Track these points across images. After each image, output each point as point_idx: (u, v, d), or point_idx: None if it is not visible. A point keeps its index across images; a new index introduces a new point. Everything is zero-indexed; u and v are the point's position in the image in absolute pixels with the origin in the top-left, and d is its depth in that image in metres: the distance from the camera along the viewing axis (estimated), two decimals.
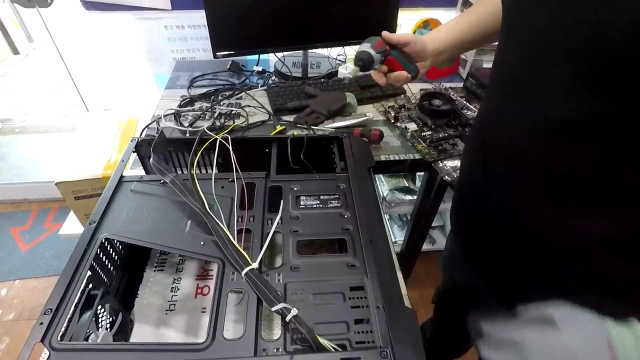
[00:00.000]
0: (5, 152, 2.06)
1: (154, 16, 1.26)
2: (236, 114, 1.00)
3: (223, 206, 0.56)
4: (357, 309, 0.44)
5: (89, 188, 0.94)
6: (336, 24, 1.13)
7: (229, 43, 1.07)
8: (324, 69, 1.27)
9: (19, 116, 2.33)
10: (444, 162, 0.89)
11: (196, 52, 1.38)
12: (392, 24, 1.16)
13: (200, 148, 0.64)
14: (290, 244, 0.51)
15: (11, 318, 1.42)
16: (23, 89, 2.66)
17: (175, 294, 0.59)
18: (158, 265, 0.63)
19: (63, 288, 0.44)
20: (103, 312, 0.49)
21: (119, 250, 0.58)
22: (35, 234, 1.71)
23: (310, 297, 0.45)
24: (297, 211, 0.56)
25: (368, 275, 0.47)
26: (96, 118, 1.15)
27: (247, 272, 0.46)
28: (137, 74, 1.51)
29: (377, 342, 0.41)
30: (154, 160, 0.59)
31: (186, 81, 1.18)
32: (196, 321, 0.56)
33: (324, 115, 0.98)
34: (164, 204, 0.56)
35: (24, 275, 1.55)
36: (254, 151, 0.68)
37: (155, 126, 0.91)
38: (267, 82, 1.17)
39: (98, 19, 1.24)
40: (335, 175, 0.63)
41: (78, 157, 0.99)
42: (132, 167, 0.76)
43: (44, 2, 1.31)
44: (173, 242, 0.51)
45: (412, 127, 0.98)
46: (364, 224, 0.54)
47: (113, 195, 0.57)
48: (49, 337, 0.40)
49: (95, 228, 0.51)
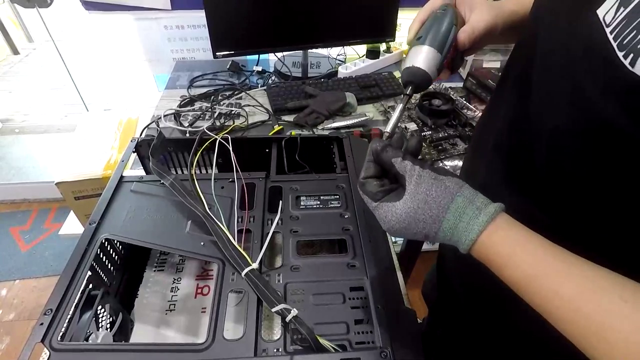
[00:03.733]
0: (5, 152, 2.06)
1: (153, 16, 1.26)
2: (236, 114, 1.00)
3: (223, 206, 0.56)
4: (357, 309, 0.44)
5: (89, 188, 0.94)
6: (336, 24, 1.13)
7: (229, 43, 1.07)
8: (324, 69, 1.27)
9: (19, 116, 2.33)
10: (444, 162, 0.89)
11: (196, 52, 1.38)
12: (392, 24, 1.16)
13: (200, 148, 0.64)
14: (291, 244, 0.51)
15: (11, 318, 1.42)
16: (23, 89, 2.66)
17: (175, 294, 0.59)
18: (158, 266, 0.63)
19: (63, 288, 0.44)
20: (103, 312, 0.49)
21: (119, 250, 0.58)
22: (35, 234, 1.71)
23: (310, 298, 0.45)
24: (297, 211, 0.56)
25: (368, 276, 0.47)
26: (96, 118, 1.14)
27: (247, 273, 0.46)
28: (137, 74, 1.51)
29: (377, 342, 0.41)
30: (153, 163, 0.59)
31: (186, 81, 1.18)
32: (196, 321, 0.56)
33: (324, 115, 0.98)
34: (164, 204, 0.56)
35: (24, 275, 1.55)
36: (254, 151, 0.68)
37: (155, 126, 0.91)
38: (267, 82, 1.17)
39: (98, 19, 1.24)
40: (336, 175, 0.63)
41: (78, 157, 0.99)
42: (132, 167, 0.76)
43: (44, 2, 1.31)
44: (173, 242, 0.51)
45: (412, 127, 0.98)
46: (364, 224, 0.54)
47: (113, 196, 0.57)
48: (49, 338, 0.40)
49: (95, 228, 0.51)
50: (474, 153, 0.54)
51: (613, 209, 0.32)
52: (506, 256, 0.31)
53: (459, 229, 0.33)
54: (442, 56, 0.40)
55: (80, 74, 1.70)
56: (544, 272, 0.29)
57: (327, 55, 1.31)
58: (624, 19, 0.26)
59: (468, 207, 0.33)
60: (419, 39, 0.41)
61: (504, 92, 0.45)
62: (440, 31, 0.41)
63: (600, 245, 0.32)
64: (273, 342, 0.41)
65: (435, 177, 0.34)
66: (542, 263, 0.30)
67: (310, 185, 0.60)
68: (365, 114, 0.99)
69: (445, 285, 0.64)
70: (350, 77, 1.14)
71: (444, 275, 0.64)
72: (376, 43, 1.26)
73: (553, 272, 0.29)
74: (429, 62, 0.40)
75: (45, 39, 2.35)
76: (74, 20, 2.37)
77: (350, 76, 1.16)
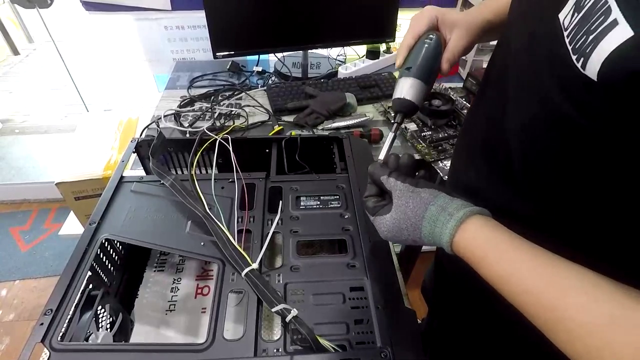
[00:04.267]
0: (5, 152, 2.06)
1: (153, 17, 1.26)
2: (236, 114, 1.00)
3: (223, 207, 0.56)
4: (357, 310, 0.44)
5: (89, 188, 0.94)
6: (336, 24, 1.13)
7: (229, 43, 1.07)
8: (324, 69, 1.27)
9: (19, 116, 2.33)
10: (444, 162, 0.89)
11: (196, 52, 1.38)
12: (392, 24, 1.16)
13: (200, 148, 0.64)
14: (291, 245, 0.51)
15: (11, 318, 1.42)
16: (23, 89, 2.67)
17: (175, 294, 0.59)
18: (158, 266, 0.63)
19: (63, 288, 0.44)
20: (103, 312, 0.49)
21: (119, 250, 0.58)
22: (35, 234, 1.71)
23: (310, 298, 0.45)
24: (297, 211, 0.56)
25: (368, 276, 0.47)
26: (96, 118, 1.14)
27: (247, 273, 0.46)
28: (137, 74, 1.52)
29: (377, 342, 0.41)
30: (153, 163, 0.59)
31: (186, 81, 1.18)
32: (196, 321, 0.56)
33: (323, 115, 0.98)
34: (164, 204, 0.57)
35: (24, 276, 1.55)
36: (253, 151, 0.68)
37: (155, 126, 0.91)
38: (267, 83, 1.17)
39: (98, 20, 1.25)
40: (336, 175, 0.63)
41: (78, 158, 0.99)
42: (132, 168, 0.76)
43: (44, 3, 1.31)
44: (173, 242, 0.51)
45: (412, 127, 0.98)
46: (363, 224, 0.54)
47: (113, 196, 0.57)
48: (49, 338, 0.40)
49: (95, 228, 0.51)
50: (460, 152, 0.56)
51: (585, 202, 0.34)
52: (479, 257, 0.34)
53: (435, 234, 0.36)
54: (428, 86, 0.45)
55: (81, 74, 1.70)
56: (514, 271, 0.31)
57: (327, 56, 1.31)
58: (577, 24, 0.28)
59: (441, 214, 0.36)
60: (408, 69, 0.45)
61: (486, 91, 0.47)
62: (427, 63, 0.44)
63: (582, 240, 0.34)
64: (273, 342, 0.41)
65: (413, 190, 0.39)
66: (513, 263, 0.32)
67: (310, 186, 0.60)
68: (365, 114, 1.00)
69: (443, 283, 0.64)
70: (350, 78, 1.14)
71: (442, 273, 0.65)
72: (376, 43, 1.26)
73: (523, 271, 0.31)
74: (417, 94, 0.44)
75: (46, 40, 2.36)
76: (74, 20, 2.37)
77: (350, 76, 1.16)
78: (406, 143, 0.95)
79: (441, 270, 0.65)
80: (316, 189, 0.60)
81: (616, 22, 0.25)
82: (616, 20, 0.25)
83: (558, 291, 0.28)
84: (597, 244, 0.34)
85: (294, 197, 0.58)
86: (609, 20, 0.25)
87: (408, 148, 0.94)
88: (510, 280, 0.31)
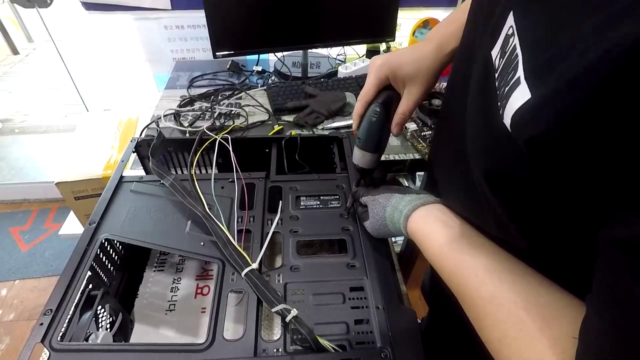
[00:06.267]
0: (5, 152, 2.06)
1: (153, 16, 1.26)
2: (236, 114, 1.00)
3: (223, 206, 0.56)
4: (357, 310, 0.44)
5: (89, 188, 0.94)
6: (336, 24, 1.13)
7: (229, 43, 1.07)
8: (323, 69, 1.27)
9: (19, 116, 2.33)
10: None
11: (196, 52, 1.38)
12: (392, 24, 1.16)
13: (200, 148, 0.64)
14: (290, 244, 0.51)
15: (11, 318, 1.42)
16: (23, 89, 2.67)
17: (175, 294, 0.59)
18: (158, 266, 0.63)
19: (63, 288, 0.44)
20: (103, 312, 0.49)
21: (119, 250, 0.58)
22: (35, 234, 1.71)
23: (310, 298, 0.45)
24: (297, 211, 0.56)
25: (368, 276, 0.47)
26: (96, 118, 1.14)
27: (247, 273, 0.46)
28: (137, 74, 1.51)
29: (377, 342, 0.41)
30: (153, 163, 0.59)
31: (186, 81, 1.18)
32: (196, 321, 0.56)
33: (323, 115, 0.98)
34: (164, 204, 0.56)
35: (24, 275, 1.55)
36: (253, 151, 0.68)
37: (155, 126, 0.91)
38: (267, 82, 1.17)
39: (98, 19, 1.24)
40: (335, 175, 0.63)
41: (78, 157, 0.99)
42: (132, 167, 0.76)
43: (44, 3, 1.31)
44: (173, 242, 0.51)
45: (411, 127, 0.98)
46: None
47: (113, 196, 0.57)
48: (49, 338, 0.40)
49: (95, 228, 0.51)
50: (434, 158, 0.53)
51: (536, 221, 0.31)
52: (419, 241, 0.42)
53: (397, 228, 0.45)
54: (378, 153, 0.51)
55: (80, 74, 1.70)
56: (439, 253, 0.38)
57: (327, 55, 1.31)
58: (502, 69, 0.26)
59: (395, 212, 0.45)
60: (359, 139, 0.50)
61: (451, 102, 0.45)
62: (374, 136, 0.49)
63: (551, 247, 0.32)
64: (273, 342, 0.41)
65: (374, 199, 0.49)
66: (440, 246, 0.38)
67: (310, 185, 0.60)
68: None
69: (442, 282, 0.64)
70: (350, 77, 1.14)
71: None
72: (376, 43, 1.26)
73: (445, 252, 0.38)
74: (367, 162, 0.51)
75: (45, 39, 2.35)
76: (74, 20, 2.37)
77: (350, 76, 1.16)
78: (406, 143, 0.95)
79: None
80: (316, 189, 0.60)
81: (519, 82, 0.23)
82: (519, 79, 0.23)
83: (467, 269, 0.34)
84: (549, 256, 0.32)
85: (293, 196, 0.58)
86: (515, 76, 0.23)
87: (408, 148, 0.94)
88: (435, 260, 0.39)
